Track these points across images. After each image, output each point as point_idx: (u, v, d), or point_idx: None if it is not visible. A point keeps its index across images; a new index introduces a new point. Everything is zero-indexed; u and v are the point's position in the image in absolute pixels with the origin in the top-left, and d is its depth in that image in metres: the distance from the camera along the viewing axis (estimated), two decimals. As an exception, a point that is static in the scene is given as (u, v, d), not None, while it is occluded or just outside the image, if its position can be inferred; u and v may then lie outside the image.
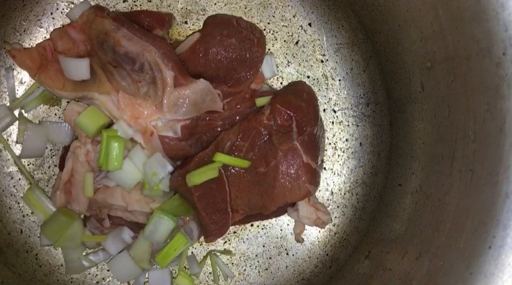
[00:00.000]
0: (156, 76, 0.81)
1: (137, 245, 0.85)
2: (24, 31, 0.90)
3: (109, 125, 0.85)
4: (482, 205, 0.63)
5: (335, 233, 0.95)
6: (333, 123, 0.95)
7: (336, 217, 0.95)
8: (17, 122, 0.89)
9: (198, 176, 0.80)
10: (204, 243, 0.93)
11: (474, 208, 0.65)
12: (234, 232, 0.94)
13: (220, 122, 0.86)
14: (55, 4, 0.90)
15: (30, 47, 0.90)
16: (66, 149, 0.87)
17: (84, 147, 0.84)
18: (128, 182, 0.83)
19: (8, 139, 0.90)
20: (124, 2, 0.91)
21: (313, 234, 0.95)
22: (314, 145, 0.86)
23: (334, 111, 0.95)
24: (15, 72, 0.90)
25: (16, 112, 0.89)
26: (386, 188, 0.95)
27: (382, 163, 0.96)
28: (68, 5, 0.90)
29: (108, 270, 0.92)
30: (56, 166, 0.91)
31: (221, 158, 0.82)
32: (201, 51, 0.84)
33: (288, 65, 0.94)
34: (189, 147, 0.85)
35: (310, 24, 0.94)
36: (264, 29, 0.93)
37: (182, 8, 0.92)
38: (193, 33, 0.88)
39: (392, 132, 0.95)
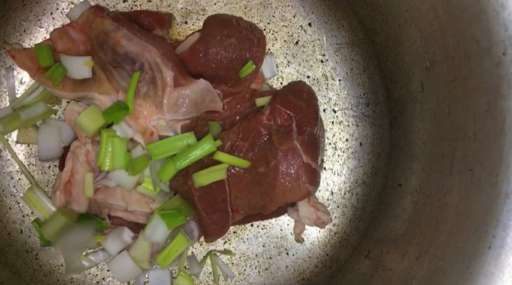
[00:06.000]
0: (156, 76, 0.81)
1: (137, 245, 0.85)
2: (24, 31, 0.90)
3: (109, 125, 0.85)
4: (482, 205, 0.63)
5: (335, 233, 0.95)
6: (333, 123, 0.95)
7: (336, 217, 0.95)
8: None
9: (205, 177, 0.79)
10: (204, 243, 0.93)
11: (474, 208, 0.65)
12: (234, 232, 0.94)
13: (220, 122, 0.86)
14: (55, 4, 0.90)
15: (30, 47, 0.90)
16: (66, 149, 0.87)
17: (84, 147, 0.84)
18: (128, 182, 0.83)
19: (8, 139, 0.90)
20: (124, 2, 0.91)
21: (313, 234, 0.95)
22: (314, 145, 0.86)
23: (334, 111, 0.95)
24: (15, 72, 0.90)
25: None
26: (386, 188, 0.95)
27: (382, 163, 0.96)
28: (68, 5, 0.90)
29: (108, 270, 0.92)
30: (56, 166, 0.91)
31: (221, 157, 0.81)
32: (201, 51, 0.84)
33: (288, 65, 0.94)
34: (189, 147, 0.85)
35: (310, 24, 0.94)
36: (264, 29, 0.93)
37: (182, 8, 0.92)
38: (193, 33, 0.88)
39: (392, 132, 0.95)
